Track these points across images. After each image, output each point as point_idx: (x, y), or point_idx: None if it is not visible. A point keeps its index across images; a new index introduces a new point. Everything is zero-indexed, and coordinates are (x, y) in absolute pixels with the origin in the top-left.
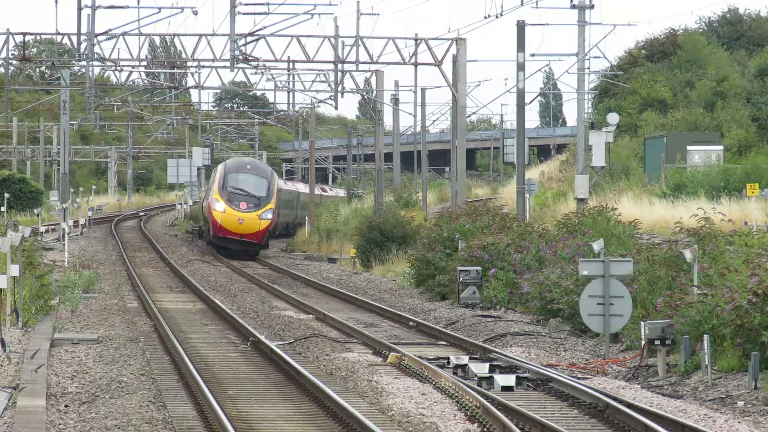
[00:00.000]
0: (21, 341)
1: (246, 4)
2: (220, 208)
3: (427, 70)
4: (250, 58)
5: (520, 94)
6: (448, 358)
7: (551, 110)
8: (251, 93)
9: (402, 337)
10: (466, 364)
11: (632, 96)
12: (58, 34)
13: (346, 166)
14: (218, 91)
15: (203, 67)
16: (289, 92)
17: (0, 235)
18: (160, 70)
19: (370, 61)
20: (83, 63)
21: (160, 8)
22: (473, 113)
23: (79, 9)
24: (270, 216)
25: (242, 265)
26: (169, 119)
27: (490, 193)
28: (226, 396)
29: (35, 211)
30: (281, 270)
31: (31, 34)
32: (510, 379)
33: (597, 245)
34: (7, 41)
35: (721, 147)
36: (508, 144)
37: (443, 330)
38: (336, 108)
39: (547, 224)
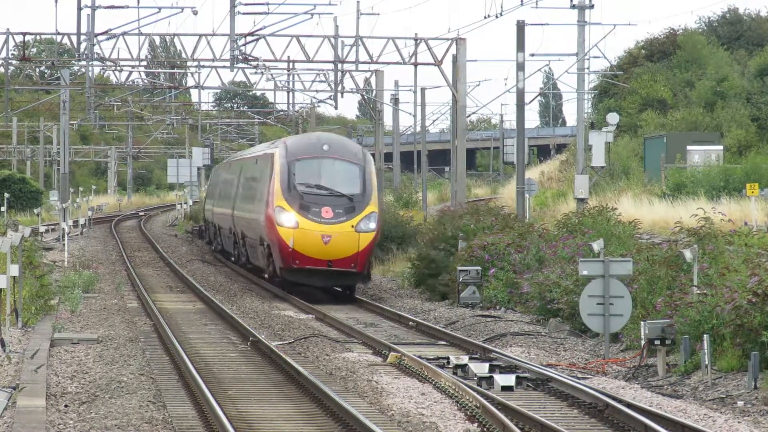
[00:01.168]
0: (21, 341)
1: (246, 4)
2: (289, 221)
3: (427, 70)
4: (250, 58)
5: (520, 94)
6: (447, 358)
7: (551, 110)
8: (251, 93)
9: (402, 337)
10: (466, 364)
11: (632, 96)
12: (58, 33)
13: None
14: (218, 90)
15: (203, 66)
16: (288, 92)
17: (0, 235)
18: (159, 70)
19: (369, 61)
20: (83, 63)
21: (159, 8)
22: (473, 113)
23: (79, 9)
24: (374, 225)
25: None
26: (169, 119)
27: (490, 193)
28: (226, 396)
29: (35, 210)
30: None
31: (30, 33)
32: (510, 379)
33: (597, 245)
34: (6, 41)
35: (720, 147)
36: (508, 144)
37: (443, 330)
38: (336, 108)
39: (547, 224)
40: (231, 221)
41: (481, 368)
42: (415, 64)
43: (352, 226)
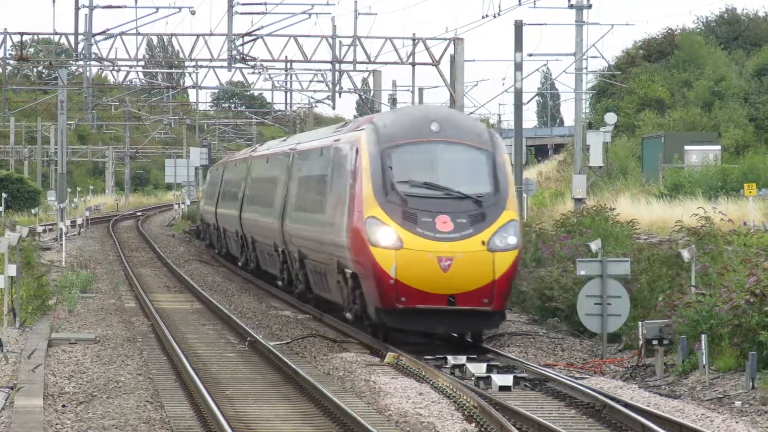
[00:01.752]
0: (18, 341)
1: (243, 4)
2: (388, 238)
3: (424, 70)
4: (248, 58)
5: (518, 94)
6: (445, 358)
7: (549, 110)
8: (249, 93)
9: (399, 336)
10: (463, 364)
11: (630, 96)
12: (56, 33)
13: None
14: (216, 90)
15: (201, 66)
16: (286, 92)
17: None
18: (157, 70)
19: (367, 60)
20: (81, 63)
21: (157, 8)
22: (471, 113)
23: (77, 9)
24: (514, 240)
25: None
26: (167, 119)
27: None
28: (224, 396)
29: (33, 211)
30: None
31: (28, 33)
32: (507, 379)
33: (594, 245)
34: (4, 41)
35: (718, 147)
36: (505, 144)
37: None
38: (333, 108)
39: (545, 224)
40: (278, 236)
41: (478, 368)
42: (413, 64)
43: (484, 243)
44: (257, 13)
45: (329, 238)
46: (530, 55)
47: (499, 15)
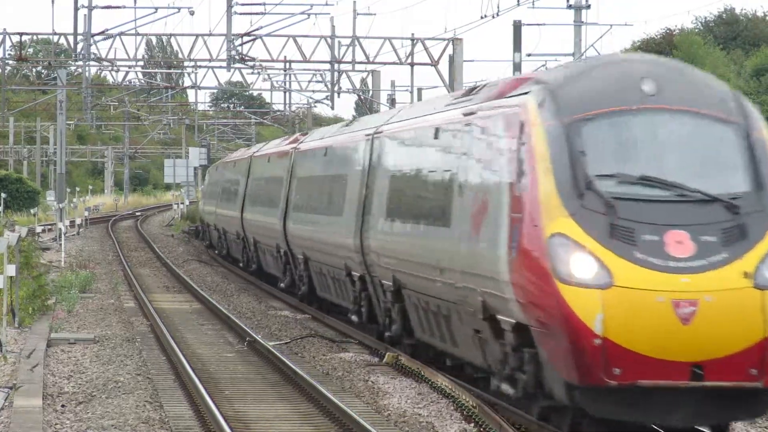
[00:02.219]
0: (17, 341)
1: (242, 5)
2: (585, 268)
3: (423, 70)
4: (247, 58)
5: None
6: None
7: None
8: (248, 93)
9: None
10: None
11: None
12: (55, 34)
13: None
14: (215, 91)
15: (200, 67)
16: (285, 92)
17: None
18: (156, 70)
19: (366, 61)
20: (80, 63)
21: (156, 8)
22: None
23: (76, 9)
24: None
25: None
26: (166, 119)
27: None
28: (223, 396)
29: (32, 211)
30: None
31: (27, 34)
32: None
33: None
34: (3, 41)
35: None
36: None
37: None
38: (332, 108)
39: None
40: (353, 256)
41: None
42: (412, 65)
43: (747, 275)
44: (256, 14)
45: (463, 264)
46: (529, 55)
47: (497, 15)
